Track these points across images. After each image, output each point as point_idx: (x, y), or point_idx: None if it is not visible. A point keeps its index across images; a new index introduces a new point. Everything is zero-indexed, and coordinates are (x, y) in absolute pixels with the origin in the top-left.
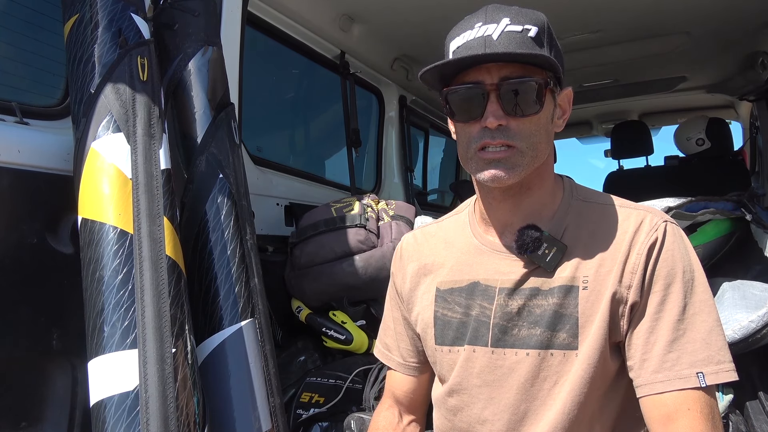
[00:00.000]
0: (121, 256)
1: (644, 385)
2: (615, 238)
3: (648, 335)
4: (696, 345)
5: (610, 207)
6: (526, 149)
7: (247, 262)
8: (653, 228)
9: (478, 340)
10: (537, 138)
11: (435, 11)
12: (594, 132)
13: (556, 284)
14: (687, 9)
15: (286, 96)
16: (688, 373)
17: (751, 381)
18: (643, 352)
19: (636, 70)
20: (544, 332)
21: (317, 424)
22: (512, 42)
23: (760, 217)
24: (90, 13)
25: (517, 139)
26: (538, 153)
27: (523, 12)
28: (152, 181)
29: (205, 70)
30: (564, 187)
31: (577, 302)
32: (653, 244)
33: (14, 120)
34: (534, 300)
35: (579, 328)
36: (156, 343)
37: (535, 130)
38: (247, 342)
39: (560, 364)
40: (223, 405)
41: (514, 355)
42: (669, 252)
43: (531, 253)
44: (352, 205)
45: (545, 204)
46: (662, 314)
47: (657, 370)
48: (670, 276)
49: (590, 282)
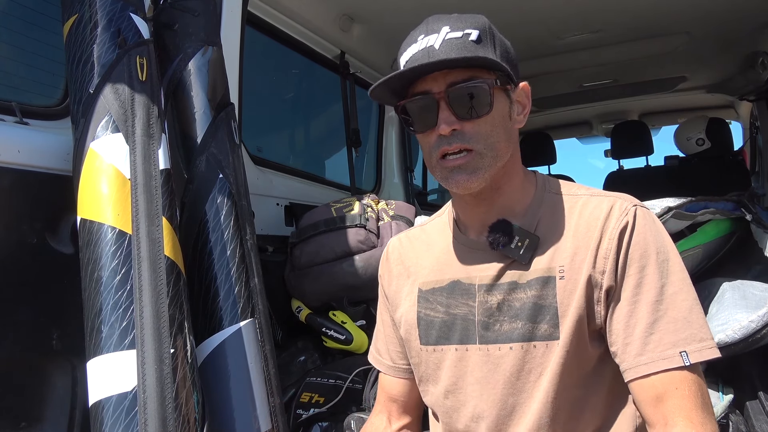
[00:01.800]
0: (120, 257)
1: (629, 369)
2: (588, 226)
3: (627, 319)
4: (678, 324)
5: (581, 197)
6: (484, 150)
7: (247, 262)
8: (623, 213)
9: (468, 339)
10: (494, 138)
11: (435, 11)
12: (594, 132)
13: (533, 276)
14: (687, 9)
15: (286, 96)
16: (671, 353)
17: (751, 381)
18: (625, 336)
19: (636, 70)
20: (525, 325)
21: (317, 424)
22: (453, 48)
23: (760, 217)
24: (89, 13)
25: (473, 141)
26: (498, 152)
27: (462, 18)
28: (151, 181)
29: (205, 70)
30: (536, 181)
31: (555, 292)
32: (624, 229)
33: (14, 120)
34: (513, 294)
35: (559, 317)
36: (154, 343)
37: (490, 130)
38: (247, 342)
39: (543, 356)
40: (222, 405)
41: (497, 350)
42: (641, 235)
43: (503, 247)
44: (352, 205)
45: (517, 199)
46: (640, 296)
47: (640, 353)
48: (644, 258)
49: (566, 271)
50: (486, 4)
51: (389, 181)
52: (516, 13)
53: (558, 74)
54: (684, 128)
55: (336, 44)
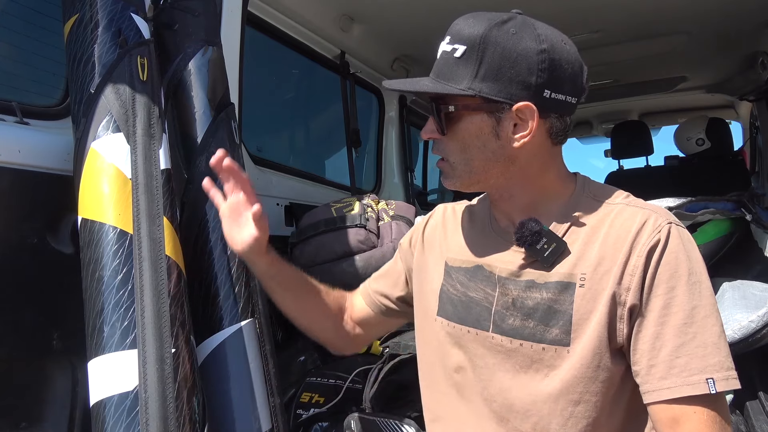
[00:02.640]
0: (121, 256)
1: (651, 391)
2: (617, 237)
3: (653, 341)
4: (707, 350)
5: (617, 205)
6: (456, 164)
7: None
8: (656, 229)
9: (482, 325)
10: (467, 155)
11: (435, 11)
12: (594, 132)
13: (552, 279)
14: (687, 9)
15: (286, 96)
16: (696, 380)
17: (751, 381)
18: (650, 357)
19: (636, 70)
20: (536, 326)
21: (317, 424)
22: (440, 64)
23: (760, 217)
24: (90, 13)
25: (445, 154)
26: (474, 169)
27: (465, 25)
28: (152, 181)
29: (205, 70)
30: (576, 183)
31: (572, 299)
32: (654, 247)
33: (14, 120)
34: (528, 292)
35: (572, 325)
36: (155, 343)
37: (460, 148)
38: (247, 342)
39: (551, 359)
40: (222, 405)
41: (509, 343)
42: (672, 254)
43: (529, 246)
44: (352, 205)
45: (547, 200)
46: (668, 318)
47: (664, 377)
48: (673, 279)
49: (587, 280)
50: (485, 5)
51: (389, 181)
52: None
53: None
54: (684, 128)
55: (336, 44)
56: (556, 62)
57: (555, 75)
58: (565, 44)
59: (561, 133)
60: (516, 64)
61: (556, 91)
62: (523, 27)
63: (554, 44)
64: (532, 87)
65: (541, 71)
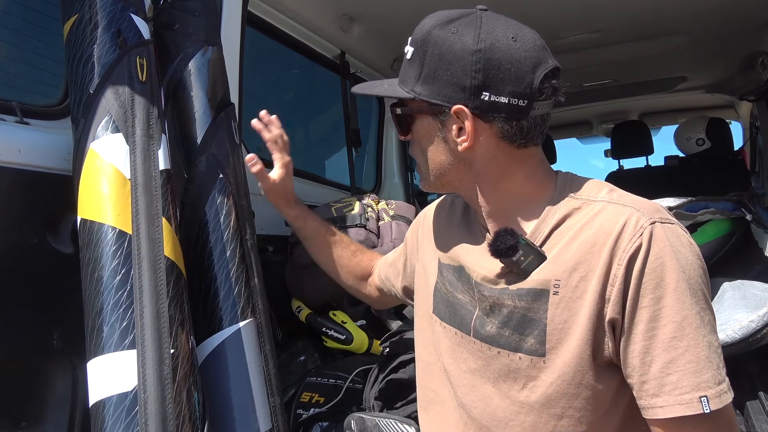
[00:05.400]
0: (120, 257)
1: (645, 408)
2: (595, 239)
3: (643, 356)
4: (700, 365)
5: (598, 202)
6: (421, 166)
7: (247, 262)
8: (637, 232)
9: (464, 328)
10: (427, 157)
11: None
12: (594, 132)
13: (526, 286)
14: (687, 9)
15: (286, 96)
16: (689, 398)
17: (751, 381)
18: (641, 374)
19: (636, 70)
20: (512, 334)
21: (317, 424)
22: (403, 66)
23: (760, 217)
24: (89, 13)
25: (413, 155)
26: (434, 170)
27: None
28: (151, 181)
29: (205, 70)
30: (556, 184)
31: (546, 307)
32: (636, 253)
33: (14, 120)
34: (503, 300)
35: (547, 335)
36: (154, 343)
37: (421, 150)
38: (247, 342)
39: (528, 369)
40: (222, 405)
41: (488, 350)
42: (657, 261)
43: (505, 258)
44: (353, 205)
45: (522, 203)
46: (656, 332)
47: (657, 394)
48: (660, 288)
49: (562, 287)
50: (485, 4)
51: (389, 181)
52: (515, 13)
53: None
54: (684, 128)
55: (336, 44)
56: (493, 62)
57: (492, 76)
58: (514, 41)
59: (518, 136)
60: (451, 65)
61: (497, 94)
62: (467, 25)
63: (495, 43)
64: (467, 89)
65: (476, 72)
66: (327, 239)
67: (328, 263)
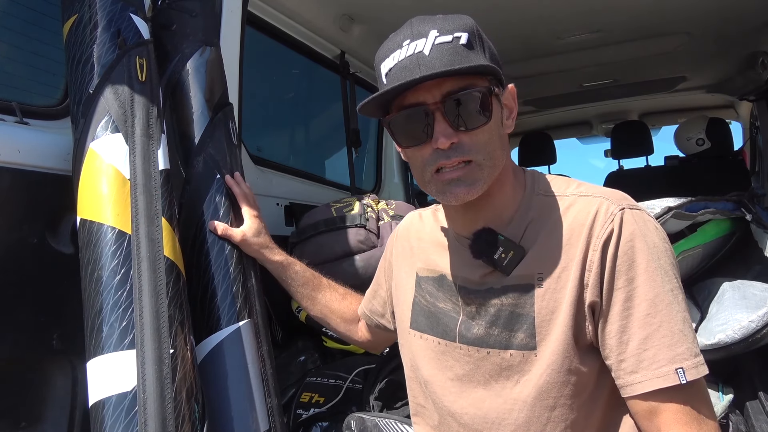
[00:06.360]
0: (120, 257)
1: (624, 386)
2: (571, 231)
3: (620, 335)
4: (674, 338)
5: (569, 197)
6: (483, 161)
7: (245, 263)
8: (608, 219)
9: (449, 335)
10: (492, 146)
11: (435, 12)
12: (594, 132)
13: (510, 283)
14: (687, 9)
15: (286, 96)
16: (666, 371)
17: (751, 381)
18: (618, 353)
19: (636, 70)
20: (501, 332)
21: (317, 424)
22: (445, 54)
23: (760, 217)
24: (89, 13)
25: (473, 153)
26: (496, 161)
27: (449, 19)
28: (150, 181)
29: (203, 70)
30: (526, 183)
31: (533, 301)
32: (608, 239)
33: (14, 120)
34: (489, 299)
35: (536, 327)
36: (154, 343)
37: (488, 139)
38: (245, 342)
39: (520, 365)
40: (220, 405)
41: (476, 353)
42: (628, 244)
43: (486, 258)
44: (352, 205)
45: (506, 205)
46: (631, 311)
47: (634, 370)
48: (632, 269)
49: (545, 279)
50: (485, 4)
51: (389, 181)
52: (516, 13)
53: (558, 74)
54: (684, 128)
55: (336, 44)
56: None
57: None
58: None
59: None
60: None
61: None
62: None
63: None
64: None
65: None
66: (315, 284)
67: (318, 308)
